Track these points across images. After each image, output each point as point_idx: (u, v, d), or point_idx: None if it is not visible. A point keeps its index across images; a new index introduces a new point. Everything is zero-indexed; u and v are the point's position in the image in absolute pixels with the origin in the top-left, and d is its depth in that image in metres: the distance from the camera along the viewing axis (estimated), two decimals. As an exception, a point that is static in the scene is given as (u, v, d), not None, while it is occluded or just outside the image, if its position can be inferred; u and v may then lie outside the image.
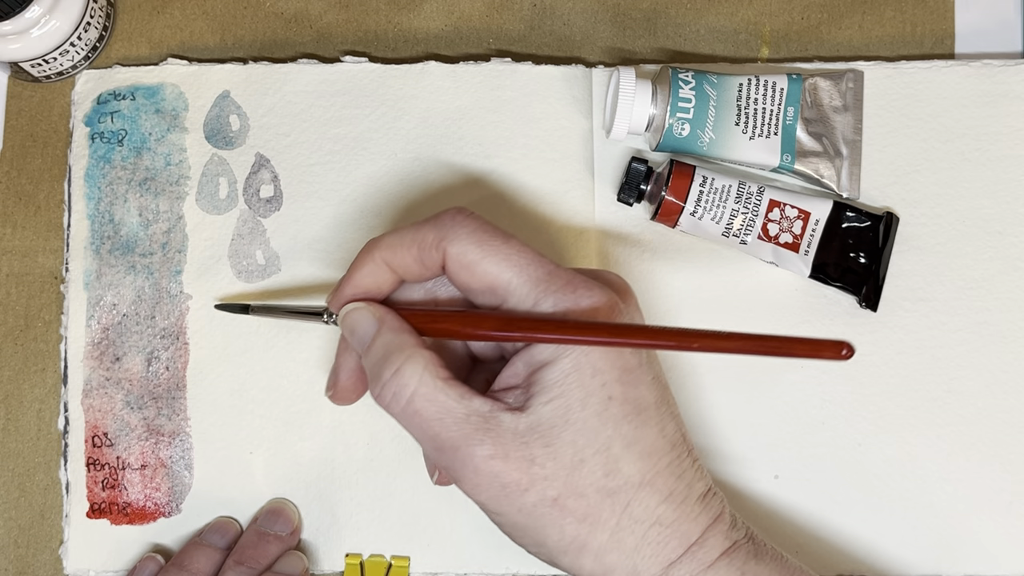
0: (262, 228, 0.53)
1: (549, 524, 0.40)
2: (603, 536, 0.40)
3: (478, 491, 0.40)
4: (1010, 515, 0.51)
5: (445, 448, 0.40)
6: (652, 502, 0.40)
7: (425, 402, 0.40)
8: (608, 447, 0.40)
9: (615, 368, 0.40)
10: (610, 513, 0.40)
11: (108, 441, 0.52)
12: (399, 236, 0.43)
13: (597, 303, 0.40)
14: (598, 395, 0.40)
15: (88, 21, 0.53)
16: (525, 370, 0.41)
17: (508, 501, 0.40)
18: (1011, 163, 0.53)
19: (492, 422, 0.39)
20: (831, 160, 0.52)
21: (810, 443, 0.52)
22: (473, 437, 0.39)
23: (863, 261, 0.51)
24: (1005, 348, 0.52)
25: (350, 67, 0.54)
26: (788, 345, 0.37)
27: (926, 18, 0.56)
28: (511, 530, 0.41)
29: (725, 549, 0.41)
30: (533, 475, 0.39)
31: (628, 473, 0.40)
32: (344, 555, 0.51)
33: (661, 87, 0.51)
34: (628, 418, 0.40)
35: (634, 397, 0.41)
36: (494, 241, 0.41)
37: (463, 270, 0.41)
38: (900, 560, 0.51)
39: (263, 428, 0.52)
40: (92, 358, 0.52)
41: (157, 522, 0.52)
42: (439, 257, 0.42)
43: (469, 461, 0.39)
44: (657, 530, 0.40)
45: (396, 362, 0.40)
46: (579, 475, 0.39)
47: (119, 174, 0.53)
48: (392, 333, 0.41)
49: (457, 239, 0.41)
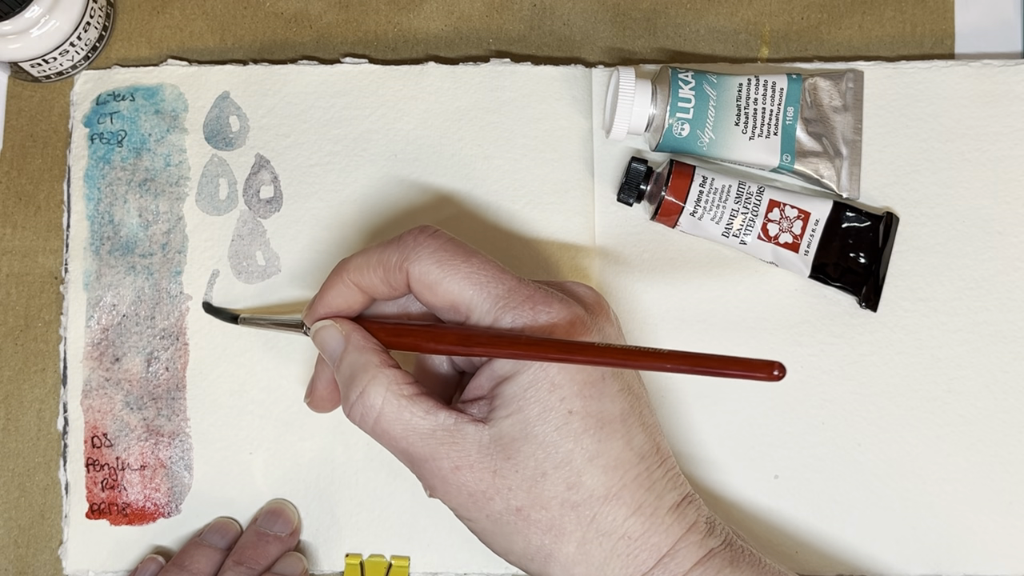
0: (262, 229, 0.53)
1: (514, 532, 0.41)
2: (569, 548, 0.40)
3: (448, 498, 0.41)
4: (1010, 515, 0.51)
5: (415, 461, 0.41)
6: (619, 515, 0.40)
7: (391, 421, 0.41)
8: (569, 461, 0.40)
9: (575, 382, 0.41)
10: (575, 526, 0.40)
11: (108, 442, 0.52)
12: (365, 258, 0.44)
13: (555, 319, 0.41)
14: (557, 409, 0.40)
15: (88, 21, 0.53)
16: (488, 383, 0.42)
17: (476, 508, 0.41)
18: (1011, 163, 0.53)
19: (457, 435, 0.41)
20: (831, 160, 0.52)
21: (810, 443, 0.52)
22: (439, 451, 0.40)
23: (863, 261, 0.51)
24: (1005, 348, 0.52)
25: (350, 68, 0.54)
26: (722, 363, 0.37)
27: (926, 18, 0.56)
28: (482, 535, 0.42)
29: (699, 559, 0.41)
30: (497, 485, 0.40)
31: (591, 486, 0.40)
32: (344, 555, 0.51)
33: (661, 87, 0.51)
34: (590, 432, 0.40)
35: (597, 411, 0.41)
36: (454, 260, 0.42)
37: (425, 290, 0.42)
38: (900, 560, 0.51)
39: (263, 428, 0.52)
40: (92, 359, 0.52)
41: (156, 523, 0.52)
42: (403, 278, 0.43)
43: (437, 472, 0.41)
44: (625, 543, 0.40)
45: (361, 383, 0.42)
46: (541, 488, 0.40)
47: (119, 175, 0.53)
48: (357, 352, 0.43)
49: (419, 260, 0.42)
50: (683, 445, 0.52)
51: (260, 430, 0.52)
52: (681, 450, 0.52)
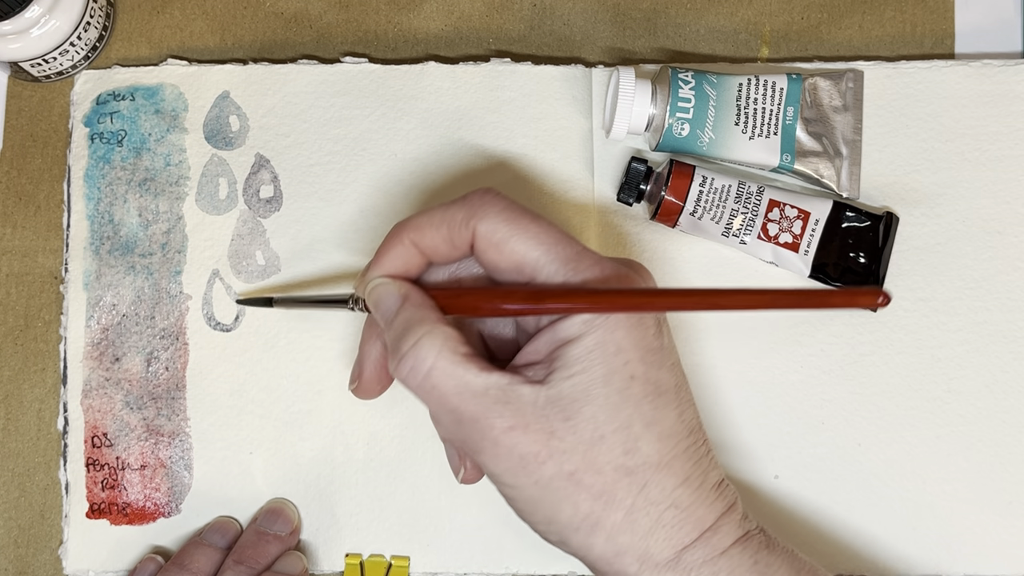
0: (262, 228, 0.53)
1: (564, 499, 0.40)
2: (617, 515, 0.40)
3: (496, 462, 0.40)
4: (1010, 515, 0.51)
5: (464, 420, 0.40)
6: (669, 484, 0.40)
7: (443, 376, 0.40)
8: (629, 425, 0.40)
9: (638, 348, 0.40)
10: (626, 492, 0.40)
11: (108, 441, 0.52)
12: (428, 216, 0.43)
13: (625, 281, 0.41)
14: (621, 373, 0.40)
15: (88, 21, 0.53)
16: (547, 347, 0.41)
17: (525, 473, 0.40)
18: (1011, 163, 0.53)
19: (511, 394, 0.39)
20: (831, 160, 0.52)
21: (810, 443, 0.52)
22: (492, 409, 0.39)
23: (863, 261, 0.51)
24: (1005, 348, 0.52)
25: (350, 67, 0.54)
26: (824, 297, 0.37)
27: (926, 18, 0.56)
28: (524, 504, 0.41)
29: (738, 537, 0.41)
30: (552, 448, 0.39)
31: (647, 453, 0.40)
32: (344, 555, 0.51)
33: (661, 87, 0.51)
34: (649, 398, 0.40)
35: (655, 379, 0.41)
36: (523, 220, 0.41)
37: (492, 248, 0.41)
38: (900, 560, 0.51)
39: (263, 428, 0.52)
40: (92, 358, 0.52)
41: (157, 522, 0.52)
42: (468, 236, 0.42)
43: (488, 433, 0.39)
44: (672, 513, 0.40)
45: (415, 335, 0.40)
46: (598, 451, 0.39)
47: (119, 174, 0.53)
48: (414, 308, 0.41)
49: (487, 217, 0.41)
50: (683, 445, 0.52)
51: (260, 430, 0.52)
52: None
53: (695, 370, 0.52)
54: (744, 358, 0.52)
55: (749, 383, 0.52)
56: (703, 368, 0.52)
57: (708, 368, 0.52)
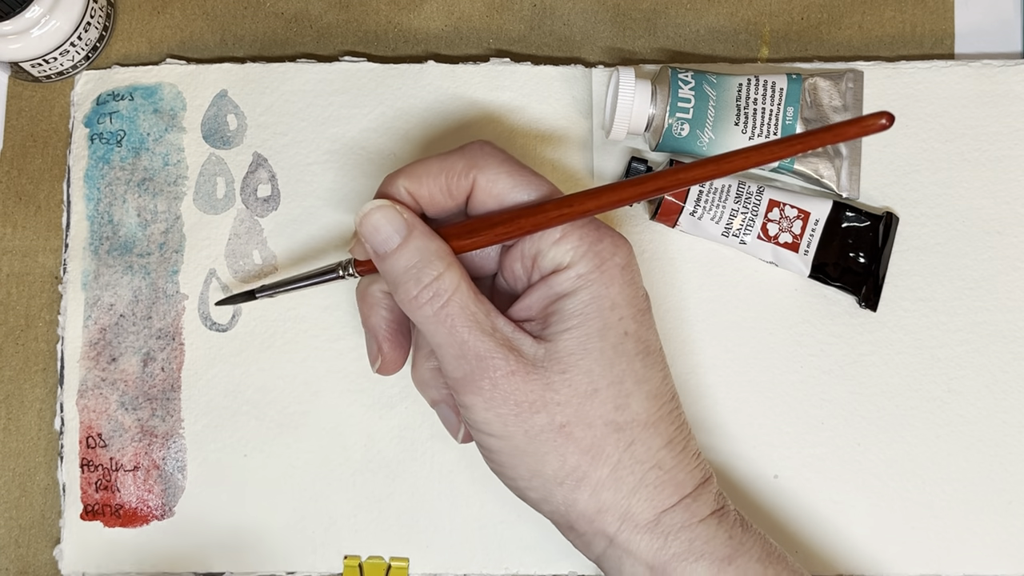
0: (259, 228, 0.53)
1: (552, 451, 0.40)
2: (603, 471, 0.40)
3: (490, 405, 0.40)
4: (1010, 515, 0.51)
5: (468, 355, 0.40)
6: (655, 444, 0.41)
7: (459, 309, 0.40)
8: (621, 380, 0.40)
9: (631, 306, 0.41)
10: (614, 448, 0.40)
11: (102, 442, 0.52)
12: (425, 165, 0.43)
13: (619, 241, 0.42)
14: (616, 328, 0.40)
15: (88, 21, 0.53)
16: (540, 303, 0.41)
17: (517, 421, 0.40)
18: (1010, 163, 0.53)
19: (516, 342, 0.40)
20: (831, 160, 0.52)
21: (810, 443, 0.52)
22: (497, 351, 0.40)
23: (863, 261, 0.51)
24: (1005, 348, 0.52)
25: (348, 66, 0.54)
26: (835, 131, 0.35)
27: (926, 18, 0.56)
28: (508, 457, 0.41)
29: (715, 509, 0.42)
30: (547, 399, 0.40)
31: (636, 410, 0.41)
32: (343, 557, 0.51)
33: (661, 87, 0.51)
34: (640, 356, 0.41)
35: (646, 338, 0.41)
36: (523, 172, 0.42)
37: (491, 200, 0.42)
38: (900, 560, 0.51)
39: (258, 430, 0.52)
40: (88, 359, 0.52)
41: (150, 525, 0.51)
42: (468, 185, 0.42)
43: (490, 372, 0.40)
44: (656, 473, 0.41)
45: (438, 266, 0.41)
46: (591, 405, 0.40)
47: (118, 175, 0.54)
48: (428, 238, 0.41)
49: (488, 167, 0.42)
50: (682, 445, 0.52)
51: (255, 431, 0.52)
52: (680, 450, 0.52)
53: (695, 370, 0.52)
54: (744, 358, 0.52)
55: (749, 383, 0.52)
56: (703, 368, 0.52)
57: (708, 368, 0.52)
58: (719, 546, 0.41)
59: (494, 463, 0.42)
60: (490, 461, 0.43)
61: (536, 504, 0.42)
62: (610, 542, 0.41)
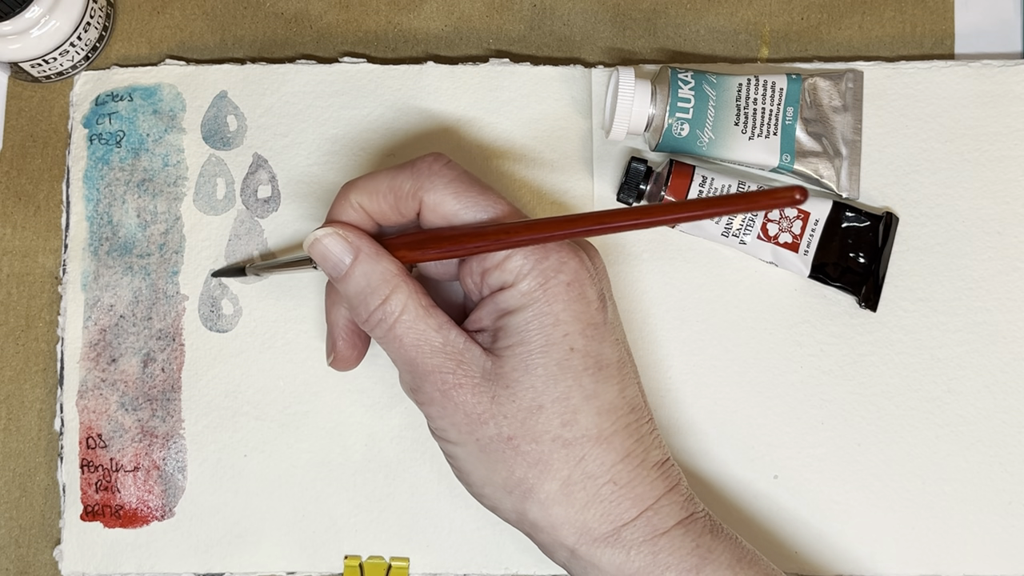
0: (259, 229, 0.53)
1: (500, 461, 0.41)
2: (552, 486, 0.41)
3: (443, 414, 0.41)
4: (1010, 515, 0.51)
5: (418, 372, 0.41)
6: (608, 460, 0.41)
7: (407, 328, 0.41)
8: (567, 397, 0.40)
9: (578, 321, 0.41)
10: (562, 463, 0.40)
11: (102, 443, 0.52)
12: (375, 181, 0.43)
13: (566, 257, 0.41)
14: (560, 344, 0.41)
15: (88, 21, 0.53)
16: (490, 316, 0.42)
17: (468, 430, 0.41)
18: (1010, 163, 0.53)
19: (466, 355, 0.41)
20: (831, 160, 0.52)
21: (810, 443, 0.52)
22: (445, 366, 0.41)
23: (863, 261, 0.51)
24: (1005, 348, 0.52)
25: (348, 67, 0.54)
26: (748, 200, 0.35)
27: (926, 18, 0.56)
28: (464, 463, 0.42)
29: (681, 519, 0.42)
30: (494, 411, 0.40)
31: (585, 426, 0.41)
32: (343, 557, 0.51)
33: (660, 87, 0.51)
34: (589, 372, 0.41)
35: (596, 352, 0.41)
36: (471, 192, 0.42)
37: (439, 219, 0.42)
38: (900, 560, 0.51)
39: (258, 430, 0.52)
40: (88, 359, 0.52)
41: (150, 525, 0.51)
42: (415, 206, 0.42)
43: (440, 386, 0.41)
44: (611, 488, 0.41)
45: (382, 292, 0.42)
46: (536, 421, 0.40)
47: (117, 175, 0.54)
48: (373, 261, 0.42)
49: (434, 189, 0.42)
50: (683, 444, 0.52)
51: (255, 432, 0.52)
52: (681, 448, 0.51)
53: (694, 370, 0.52)
54: (744, 358, 0.52)
55: (749, 383, 0.52)
56: (702, 368, 0.52)
57: (708, 368, 0.52)
58: (685, 556, 0.41)
59: (454, 468, 0.44)
60: (451, 466, 0.44)
61: (492, 510, 0.43)
62: (572, 553, 0.41)
